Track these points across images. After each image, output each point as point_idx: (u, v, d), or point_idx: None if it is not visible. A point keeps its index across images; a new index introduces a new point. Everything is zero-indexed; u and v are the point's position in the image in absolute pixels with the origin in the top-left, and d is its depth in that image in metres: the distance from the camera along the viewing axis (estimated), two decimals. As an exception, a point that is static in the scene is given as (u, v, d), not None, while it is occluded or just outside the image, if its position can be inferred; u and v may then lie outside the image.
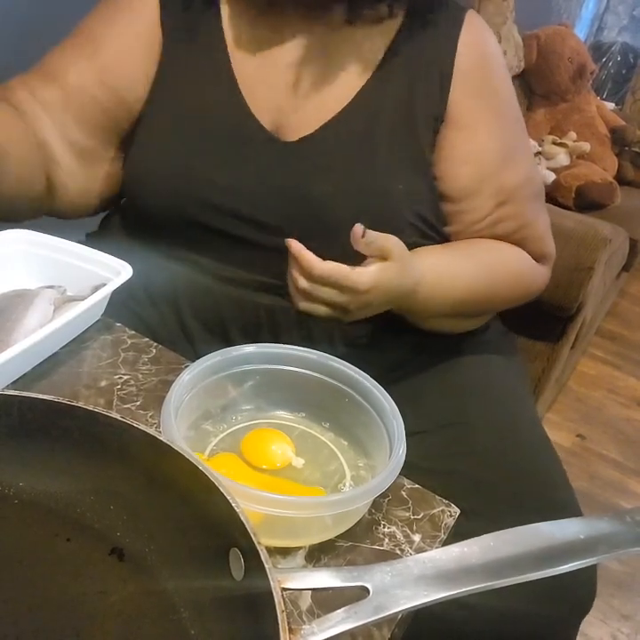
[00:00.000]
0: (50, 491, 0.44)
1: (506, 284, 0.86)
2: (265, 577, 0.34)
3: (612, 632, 1.42)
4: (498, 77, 0.85)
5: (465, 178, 0.82)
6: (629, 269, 2.22)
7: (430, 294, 0.77)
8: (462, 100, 0.81)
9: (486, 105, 0.83)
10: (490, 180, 0.83)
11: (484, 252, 0.85)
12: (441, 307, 0.81)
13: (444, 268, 0.80)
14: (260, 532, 0.37)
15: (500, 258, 0.86)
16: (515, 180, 0.85)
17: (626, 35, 3.74)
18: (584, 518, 0.44)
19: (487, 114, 0.83)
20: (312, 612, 0.48)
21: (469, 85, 0.81)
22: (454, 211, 0.84)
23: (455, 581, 0.39)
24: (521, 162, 0.86)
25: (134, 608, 0.41)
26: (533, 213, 0.88)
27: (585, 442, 1.98)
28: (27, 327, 0.64)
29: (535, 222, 0.88)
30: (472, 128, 0.82)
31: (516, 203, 0.85)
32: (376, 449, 0.60)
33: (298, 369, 0.63)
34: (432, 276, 0.77)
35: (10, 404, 0.42)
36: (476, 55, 0.82)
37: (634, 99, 2.98)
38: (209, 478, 0.39)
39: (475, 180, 0.83)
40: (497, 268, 0.85)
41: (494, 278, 0.85)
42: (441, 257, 0.81)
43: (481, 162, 0.83)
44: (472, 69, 0.81)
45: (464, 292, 0.82)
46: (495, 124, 0.84)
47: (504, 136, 0.85)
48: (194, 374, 0.58)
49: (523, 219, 0.86)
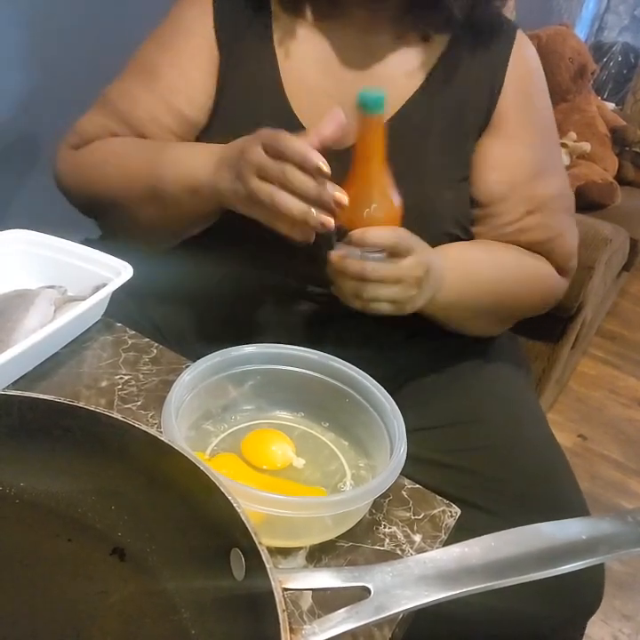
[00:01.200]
0: (51, 491, 0.44)
1: (528, 288, 0.87)
2: (266, 577, 0.34)
3: (613, 632, 1.42)
4: (541, 94, 0.88)
5: (494, 183, 0.83)
6: (630, 269, 2.22)
7: (455, 285, 0.77)
8: (507, 112, 0.83)
9: (528, 119, 0.85)
10: (520, 188, 0.84)
11: (508, 254, 0.85)
12: (464, 301, 0.80)
13: (467, 257, 0.81)
14: (261, 532, 0.36)
15: (523, 262, 0.86)
16: (546, 192, 0.85)
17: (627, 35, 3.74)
18: (585, 518, 0.44)
19: (527, 127, 0.85)
20: (313, 612, 0.48)
21: (515, 99, 0.83)
22: (483, 214, 0.85)
23: (456, 582, 0.39)
24: (554, 176, 0.88)
25: (135, 608, 0.41)
26: (563, 227, 0.88)
27: (586, 442, 1.98)
28: (27, 327, 0.64)
29: (563, 236, 0.88)
30: (510, 137, 0.84)
31: (546, 213, 0.85)
32: (376, 449, 0.59)
33: (298, 369, 0.63)
34: (455, 265, 0.77)
35: (10, 403, 0.42)
36: (525, 71, 0.84)
37: (634, 99, 2.98)
38: (210, 478, 0.39)
39: (504, 186, 0.84)
40: (520, 271, 0.85)
41: (517, 280, 0.85)
42: (463, 251, 0.82)
43: (513, 170, 0.84)
44: (520, 84, 0.84)
45: (487, 284, 0.82)
46: (533, 137, 0.85)
47: (540, 150, 0.86)
48: (194, 374, 0.58)
49: (551, 230, 0.87)
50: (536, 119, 0.87)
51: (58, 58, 1.21)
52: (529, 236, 0.86)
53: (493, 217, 0.85)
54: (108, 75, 0.84)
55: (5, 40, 1.12)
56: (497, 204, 0.84)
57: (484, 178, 0.83)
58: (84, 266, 0.72)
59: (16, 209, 1.25)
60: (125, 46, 0.85)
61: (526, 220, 0.85)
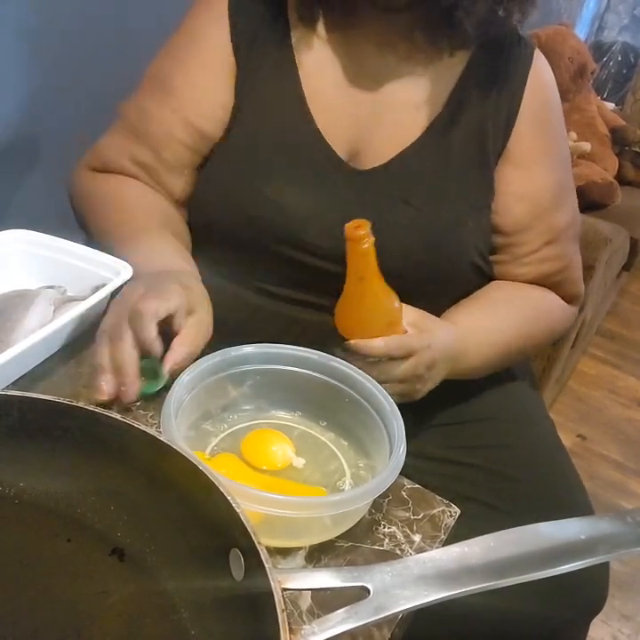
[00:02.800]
0: (50, 491, 0.44)
1: (540, 334, 0.86)
2: (265, 577, 0.34)
3: (612, 632, 1.42)
4: (557, 118, 0.86)
5: (519, 214, 0.82)
6: (630, 269, 2.22)
7: (472, 353, 0.77)
8: (524, 137, 0.82)
9: (545, 144, 0.84)
10: (543, 218, 0.83)
11: (515, 302, 0.84)
12: (482, 361, 0.80)
13: (477, 321, 0.80)
14: (261, 532, 0.37)
15: (535, 310, 0.86)
16: (563, 221, 0.85)
17: (626, 34, 3.73)
18: (585, 518, 0.44)
19: (545, 153, 0.84)
20: (312, 612, 0.48)
21: (532, 123, 0.82)
22: (505, 243, 0.84)
23: (455, 581, 0.39)
24: (569, 203, 0.87)
25: (135, 608, 0.41)
26: (573, 255, 0.89)
27: (586, 442, 1.98)
28: (27, 327, 0.64)
29: (573, 264, 0.89)
30: (530, 166, 0.83)
31: (561, 243, 0.86)
32: (376, 449, 0.59)
33: (298, 369, 0.63)
34: (467, 333, 0.76)
35: (10, 404, 0.42)
36: (542, 94, 0.83)
37: (634, 98, 2.98)
38: (209, 478, 0.39)
39: (529, 217, 0.83)
40: (531, 314, 0.85)
41: (530, 334, 0.84)
42: (470, 315, 0.80)
43: (537, 200, 0.83)
44: (537, 108, 0.82)
45: (500, 347, 0.81)
46: (551, 163, 0.84)
47: (558, 176, 0.85)
48: (194, 375, 0.58)
49: (565, 260, 0.87)
50: (553, 144, 0.85)
51: (58, 58, 1.20)
52: (545, 266, 0.85)
53: (515, 246, 0.84)
54: (108, 75, 0.84)
55: (5, 40, 1.12)
56: (520, 234, 0.83)
57: (509, 207, 0.82)
58: (84, 266, 0.72)
59: (16, 209, 1.25)
60: (126, 47, 0.85)
61: (544, 250, 0.84)
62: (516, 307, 0.84)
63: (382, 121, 0.79)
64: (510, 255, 0.84)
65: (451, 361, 0.72)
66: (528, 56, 0.82)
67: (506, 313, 0.82)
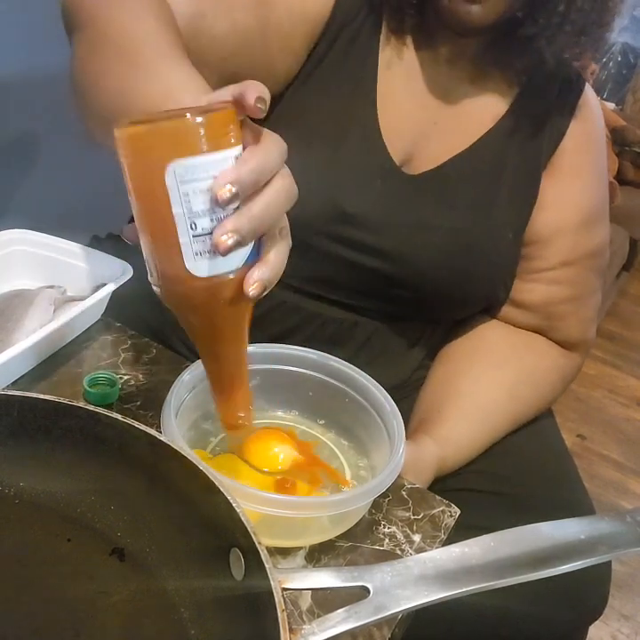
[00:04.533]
0: (50, 491, 0.44)
1: (534, 411, 0.83)
2: (265, 577, 0.34)
3: (612, 632, 1.42)
4: (602, 143, 0.85)
5: (540, 222, 0.80)
6: (629, 269, 2.22)
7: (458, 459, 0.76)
8: (570, 153, 0.80)
9: (588, 164, 0.82)
10: (564, 234, 0.80)
11: (504, 389, 0.80)
12: (459, 462, 0.77)
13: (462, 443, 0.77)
14: (261, 532, 0.37)
15: (527, 389, 0.81)
16: (588, 246, 0.81)
17: (626, 35, 3.73)
18: (584, 518, 0.44)
19: (587, 172, 0.82)
20: (312, 612, 0.48)
21: (579, 142, 0.80)
22: (521, 253, 0.81)
23: (455, 581, 0.39)
24: (600, 231, 0.83)
25: (134, 608, 0.41)
26: (592, 289, 0.84)
27: (585, 442, 1.98)
28: (27, 327, 0.64)
29: (589, 300, 0.84)
30: (568, 179, 0.80)
31: (579, 269, 0.81)
32: (376, 449, 0.60)
33: (298, 369, 0.63)
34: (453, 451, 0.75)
35: (10, 403, 0.42)
36: (590, 116, 0.81)
37: (634, 99, 2.98)
38: (209, 478, 0.39)
39: (551, 228, 0.80)
40: (525, 393, 0.81)
41: (522, 416, 0.81)
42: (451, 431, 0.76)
43: (563, 213, 0.80)
44: (584, 126, 0.81)
45: (486, 441, 0.79)
46: (591, 183, 0.82)
47: (594, 198, 0.82)
48: (194, 374, 0.58)
49: (577, 289, 0.82)
50: (597, 166, 0.83)
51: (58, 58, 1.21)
52: (554, 289, 0.82)
53: (529, 259, 0.81)
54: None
55: (5, 40, 1.12)
56: (538, 246, 0.80)
57: (533, 215, 0.79)
58: (84, 266, 0.72)
59: (16, 209, 1.25)
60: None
61: (558, 271, 0.81)
62: (505, 397, 0.80)
63: (441, 128, 0.78)
64: (521, 267, 0.82)
65: (433, 472, 0.71)
66: (577, 75, 0.82)
67: (494, 408, 0.79)
